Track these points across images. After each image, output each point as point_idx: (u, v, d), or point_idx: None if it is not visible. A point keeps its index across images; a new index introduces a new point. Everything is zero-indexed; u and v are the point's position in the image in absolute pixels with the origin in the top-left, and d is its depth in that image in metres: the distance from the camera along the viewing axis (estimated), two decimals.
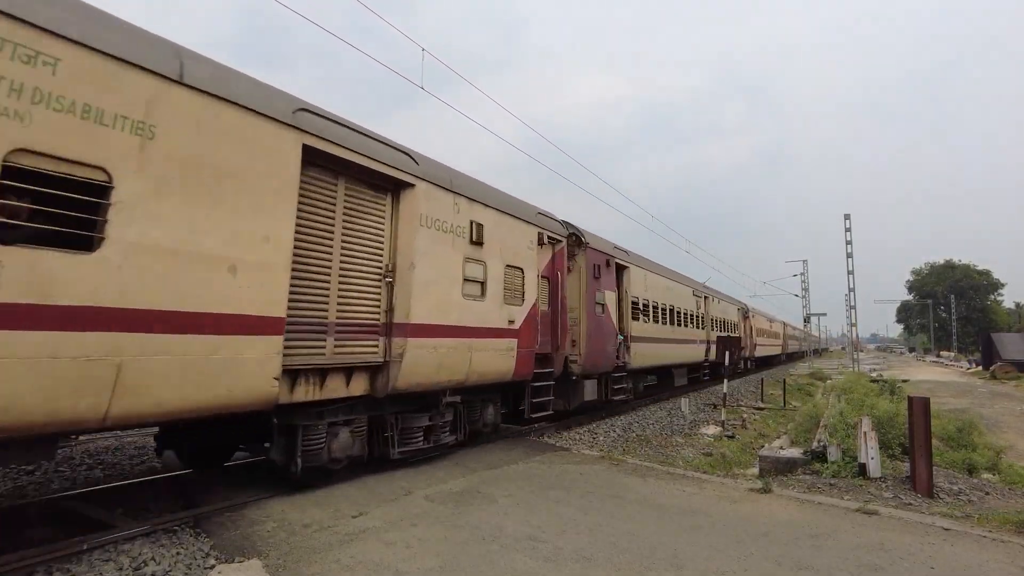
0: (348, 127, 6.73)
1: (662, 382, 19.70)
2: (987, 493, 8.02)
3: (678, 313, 19.76)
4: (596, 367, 12.82)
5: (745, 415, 17.79)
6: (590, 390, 12.72)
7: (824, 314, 60.89)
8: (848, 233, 36.32)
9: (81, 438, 9.26)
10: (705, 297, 23.98)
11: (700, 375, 24.40)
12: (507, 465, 8.43)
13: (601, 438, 11.84)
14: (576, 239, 12.65)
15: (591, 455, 9.52)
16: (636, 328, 15.34)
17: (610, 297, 13.67)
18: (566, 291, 11.69)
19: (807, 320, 57.24)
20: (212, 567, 4.61)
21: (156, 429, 7.08)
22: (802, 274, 54.84)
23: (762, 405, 20.92)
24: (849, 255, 36.26)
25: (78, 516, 5.63)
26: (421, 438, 8.04)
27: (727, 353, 19.34)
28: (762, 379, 26.39)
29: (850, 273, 36.55)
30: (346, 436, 6.87)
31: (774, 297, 68.33)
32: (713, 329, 24.73)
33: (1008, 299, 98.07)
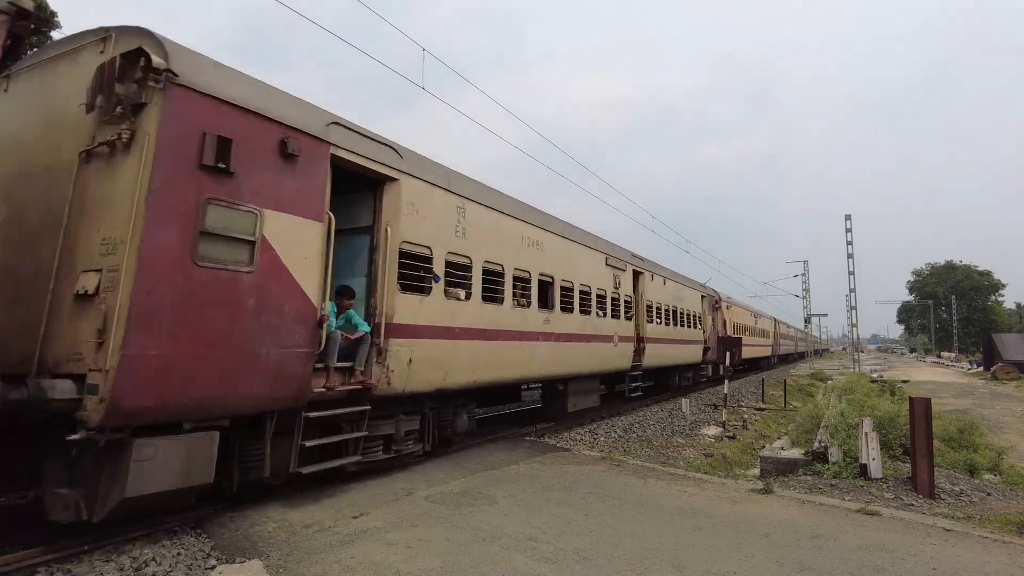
0: None
1: (551, 404, 12.96)
2: (988, 494, 8.01)
3: (565, 291, 12.05)
4: (205, 399, 5.22)
5: (746, 416, 17.79)
6: (168, 465, 4.96)
7: (825, 315, 60.78)
8: (849, 234, 36.34)
9: None
10: (635, 272, 16.03)
11: (625, 391, 15.85)
12: (508, 466, 8.42)
13: (602, 439, 11.83)
14: (142, 61, 5.07)
15: (592, 456, 9.51)
16: (410, 308, 7.72)
17: (294, 229, 6.08)
18: None
19: (808, 320, 57.21)
20: (213, 567, 4.61)
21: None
22: (803, 275, 54.85)
23: (763, 406, 20.92)
24: (850, 256, 36.28)
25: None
26: None
27: (728, 354, 19.28)
28: (763, 380, 26.38)
29: (851, 274, 36.57)
30: None
31: (775, 298, 68.22)
32: (654, 320, 17.32)
33: (1009, 300, 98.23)
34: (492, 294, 9.56)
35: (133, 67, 5.11)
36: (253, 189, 5.68)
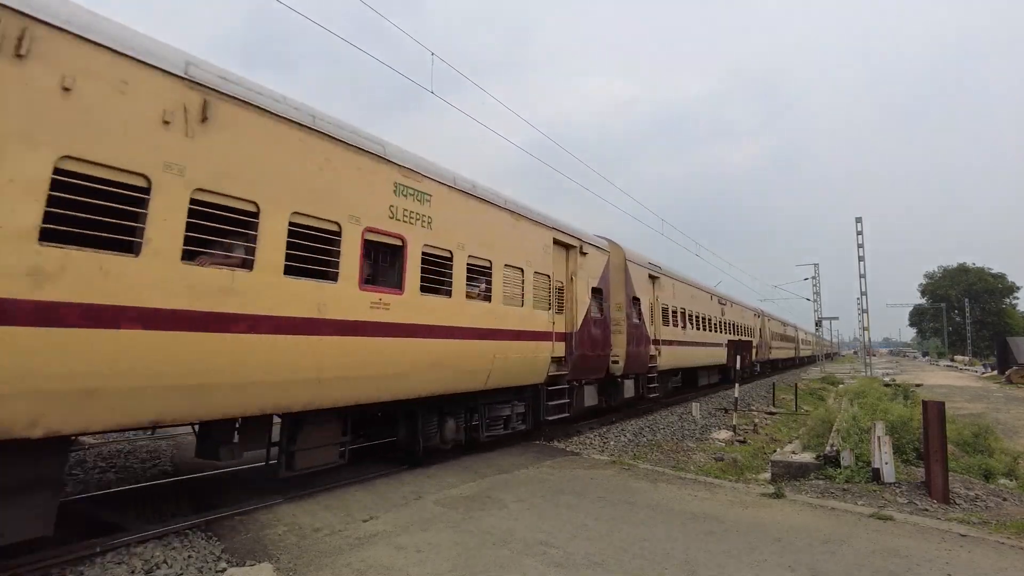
0: None
1: None
2: (1004, 499, 7.89)
3: None
4: None
5: (757, 420, 17.66)
6: None
7: (836, 318, 60.36)
8: (860, 236, 36.05)
9: (94, 441, 9.34)
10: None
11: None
12: (517, 470, 8.41)
13: (611, 443, 11.78)
14: None
15: (601, 460, 9.47)
16: None
17: None
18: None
19: (819, 324, 56.79)
20: (223, 571, 4.63)
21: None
22: (813, 278, 54.49)
23: (774, 410, 20.75)
24: (861, 258, 35.99)
25: (91, 519, 5.67)
26: None
27: (738, 357, 19.06)
28: (773, 384, 26.19)
29: (862, 276, 36.27)
30: None
31: (786, 301, 67.78)
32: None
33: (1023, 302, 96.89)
34: None
35: None
36: None
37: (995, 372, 49.01)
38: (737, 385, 16.95)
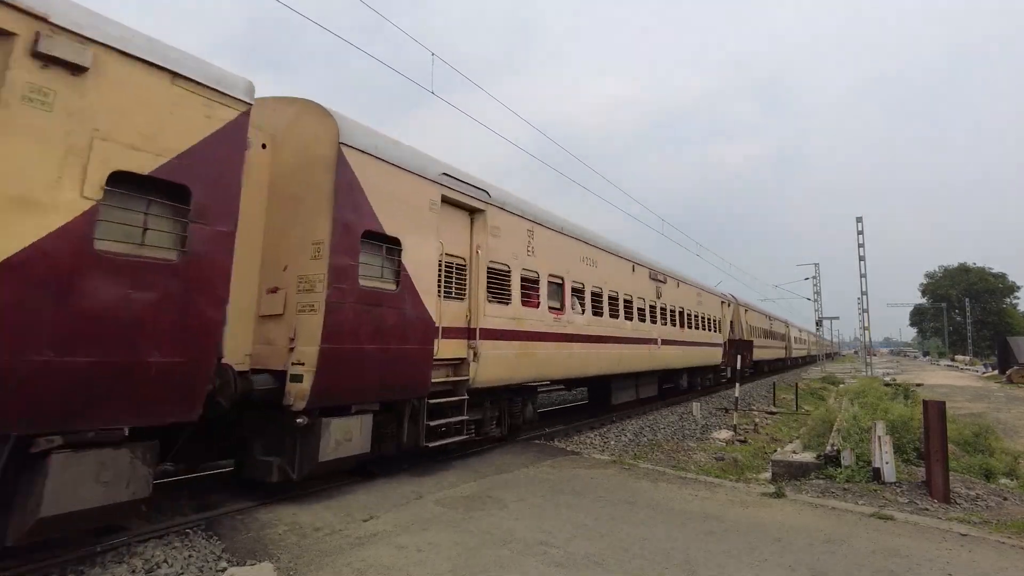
0: None
1: None
2: (1005, 499, 7.89)
3: None
4: None
5: (757, 419, 17.66)
6: None
7: (836, 318, 60.30)
8: (860, 236, 36.03)
9: None
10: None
11: None
12: (517, 469, 8.40)
13: (612, 443, 11.79)
14: None
15: (602, 460, 9.47)
16: None
17: None
18: None
19: (819, 323, 56.75)
20: (224, 570, 4.63)
21: None
22: (814, 277, 54.44)
23: (774, 409, 20.76)
24: (861, 258, 35.97)
25: None
26: None
27: (739, 356, 19.04)
28: (774, 383, 26.19)
29: (863, 276, 36.25)
30: None
31: (786, 301, 67.73)
32: None
33: None
34: None
35: None
36: None
37: (996, 372, 48.99)
38: (738, 385, 16.96)
